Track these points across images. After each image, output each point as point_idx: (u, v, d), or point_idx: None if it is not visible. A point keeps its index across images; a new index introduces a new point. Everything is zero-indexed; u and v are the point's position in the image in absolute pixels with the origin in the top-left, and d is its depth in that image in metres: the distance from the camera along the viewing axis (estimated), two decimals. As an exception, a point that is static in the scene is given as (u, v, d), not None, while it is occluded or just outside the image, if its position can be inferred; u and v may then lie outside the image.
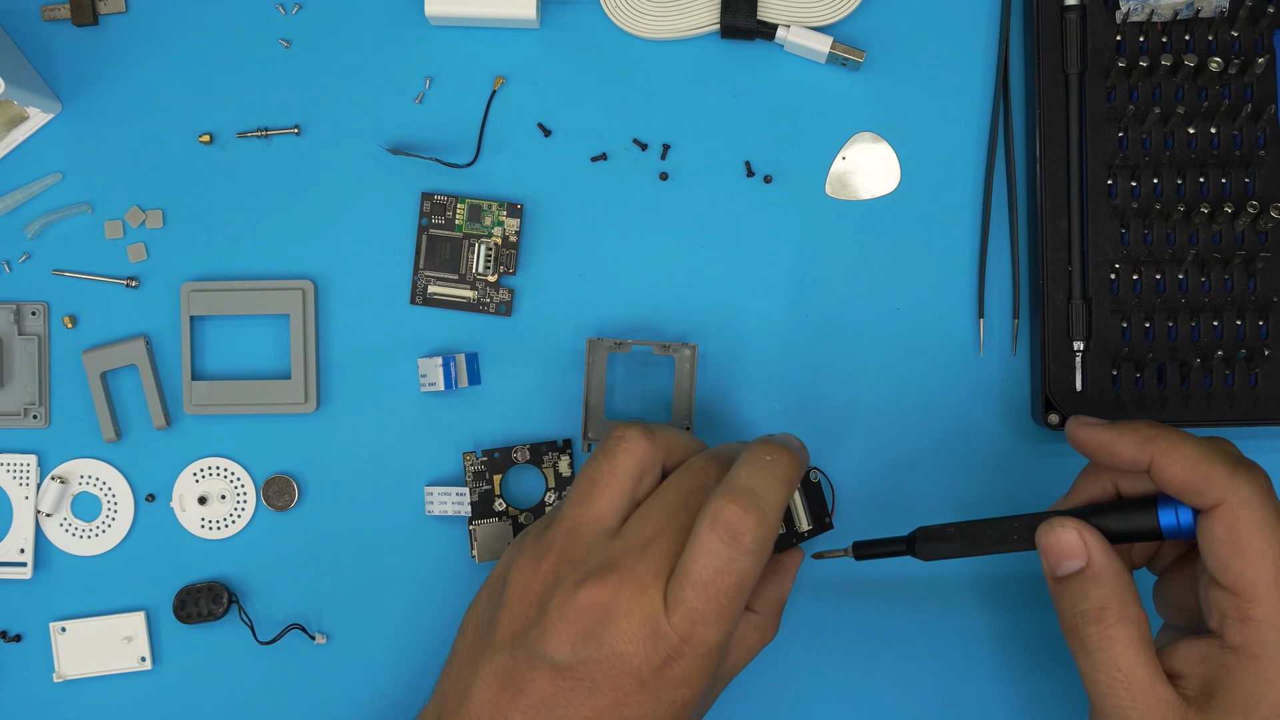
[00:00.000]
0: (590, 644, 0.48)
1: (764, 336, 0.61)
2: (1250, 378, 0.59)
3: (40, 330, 0.62)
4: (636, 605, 0.48)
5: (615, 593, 0.48)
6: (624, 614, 0.47)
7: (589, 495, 0.51)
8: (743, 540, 0.48)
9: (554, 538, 0.50)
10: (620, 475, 0.51)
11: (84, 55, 0.62)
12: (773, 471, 0.50)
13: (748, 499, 0.48)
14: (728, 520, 0.48)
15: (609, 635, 0.47)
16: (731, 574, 0.48)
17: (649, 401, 0.61)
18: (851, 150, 0.61)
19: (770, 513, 0.49)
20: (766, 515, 0.48)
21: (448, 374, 0.60)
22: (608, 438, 0.52)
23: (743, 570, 0.48)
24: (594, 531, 0.50)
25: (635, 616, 0.47)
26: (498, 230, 0.61)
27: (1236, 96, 0.59)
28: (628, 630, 0.47)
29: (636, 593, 0.48)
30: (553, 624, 0.48)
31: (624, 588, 0.48)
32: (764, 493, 0.49)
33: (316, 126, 0.62)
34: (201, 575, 0.62)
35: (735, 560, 0.48)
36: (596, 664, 0.47)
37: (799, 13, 0.60)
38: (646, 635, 0.47)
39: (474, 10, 0.60)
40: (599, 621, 0.48)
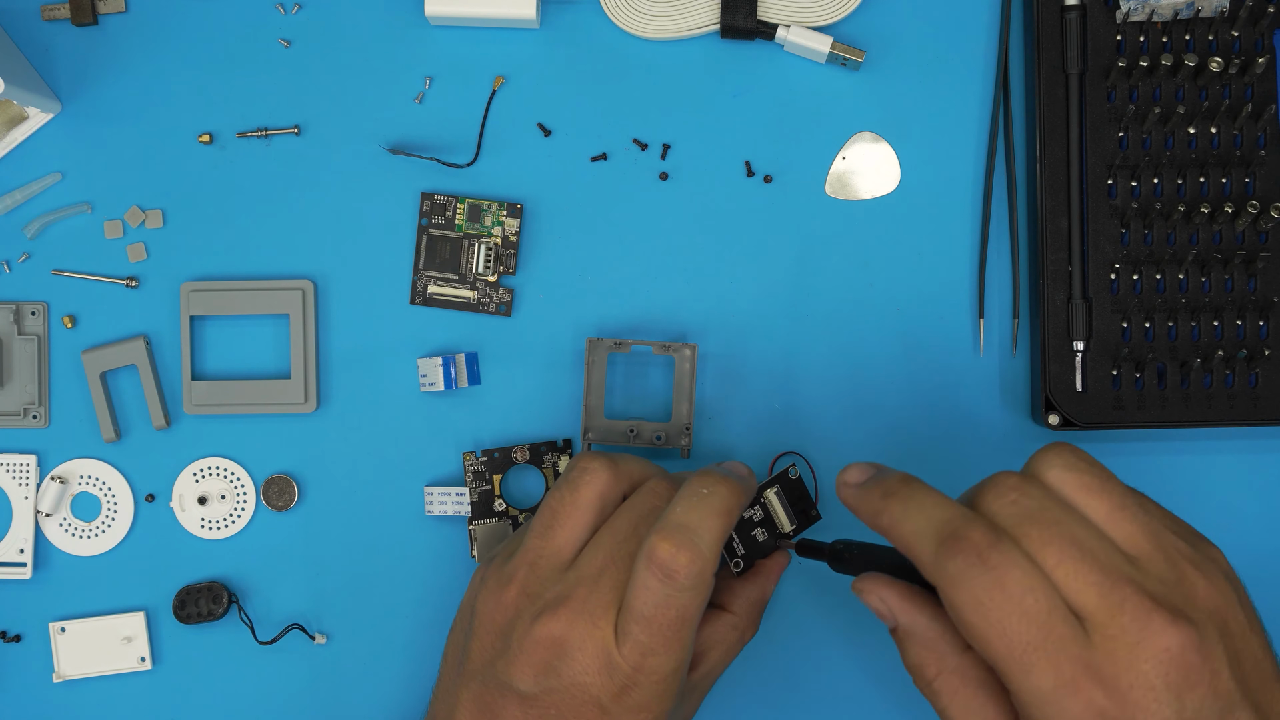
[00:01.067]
0: (550, 675, 0.49)
1: (764, 336, 0.61)
2: (1250, 378, 0.59)
3: (40, 330, 0.62)
4: (589, 638, 0.49)
5: (569, 626, 0.49)
6: (578, 647, 0.49)
7: (550, 527, 0.52)
8: (676, 578, 0.48)
9: (515, 569, 0.52)
10: (581, 508, 0.52)
11: (84, 55, 0.62)
12: (709, 504, 0.50)
13: (680, 536, 0.49)
14: (661, 559, 0.48)
15: (566, 667, 0.49)
16: (671, 609, 0.48)
17: (649, 401, 0.61)
18: (851, 150, 0.61)
19: (704, 547, 0.49)
20: (700, 551, 0.49)
21: (448, 374, 0.60)
22: (571, 467, 0.53)
23: (681, 605, 0.48)
24: (551, 565, 0.51)
25: (589, 649, 0.49)
26: (498, 230, 0.61)
27: (1236, 96, 0.59)
28: (582, 662, 0.49)
29: (589, 625, 0.49)
30: (515, 656, 0.49)
31: (576, 621, 0.49)
32: (698, 528, 0.49)
33: (316, 126, 0.62)
34: (201, 575, 0.62)
35: (672, 597, 0.48)
36: (558, 694, 0.49)
37: (799, 13, 0.60)
38: (601, 666, 0.48)
39: (474, 10, 0.60)
40: (555, 654, 0.49)
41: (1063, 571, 0.43)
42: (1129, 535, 0.45)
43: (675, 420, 0.60)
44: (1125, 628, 0.42)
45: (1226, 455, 0.61)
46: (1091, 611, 0.43)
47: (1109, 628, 0.43)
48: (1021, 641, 0.43)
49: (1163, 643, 0.42)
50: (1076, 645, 0.43)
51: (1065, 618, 0.43)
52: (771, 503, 0.56)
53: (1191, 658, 0.42)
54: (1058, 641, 0.43)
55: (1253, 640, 0.45)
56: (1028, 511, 0.44)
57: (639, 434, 0.59)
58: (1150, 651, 0.42)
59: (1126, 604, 0.43)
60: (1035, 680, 0.43)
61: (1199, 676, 0.42)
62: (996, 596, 0.43)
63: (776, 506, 0.56)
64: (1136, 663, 0.42)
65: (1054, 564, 0.43)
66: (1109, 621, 0.43)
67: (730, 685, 0.61)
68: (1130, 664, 0.42)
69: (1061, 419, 0.59)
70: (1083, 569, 0.43)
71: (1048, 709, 0.43)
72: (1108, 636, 0.42)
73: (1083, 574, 0.43)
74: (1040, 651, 0.43)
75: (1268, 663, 0.45)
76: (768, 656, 0.61)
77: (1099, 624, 0.43)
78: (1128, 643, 0.42)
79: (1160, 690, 0.42)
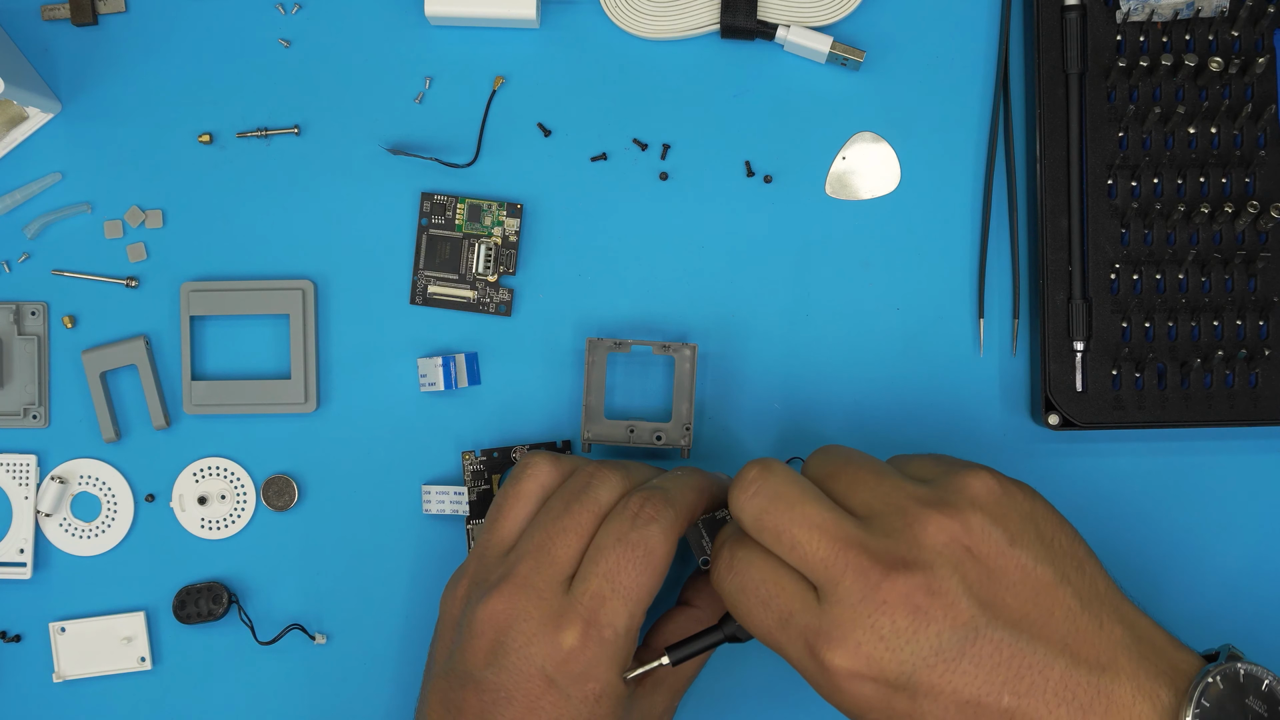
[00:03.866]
0: (499, 654, 0.50)
1: (764, 336, 0.61)
2: (1250, 378, 0.59)
3: (40, 330, 0.62)
4: (533, 608, 0.50)
5: (510, 601, 0.50)
6: (522, 616, 0.50)
7: (495, 521, 0.54)
8: (642, 515, 0.51)
9: (467, 564, 0.54)
10: (524, 499, 0.54)
11: (84, 55, 0.62)
12: (684, 480, 0.53)
13: (651, 489, 0.52)
14: (632, 508, 0.51)
15: (511, 640, 0.50)
16: (637, 547, 0.50)
17: (649, 401, 0.61)
18: (851, 150, 0.61)
19: (675, 499, 0.52)
20: (671, 499, 0.51)
21: (447, 374, 0.60)
22: (516, 466, 0.55)
23: (647, 542, 0.50)
24: (496, 552, 0.53)
25: (533, 617, 0.50)
26: (498, 230, 0.61)
27: (1237, 96, 0.59)
28: (527, 632, 0.50)
29: (532, 596, 0.50)
30: (466, 643, 0.51)
31: (518, 595, 0.50)
32: (670, 488, 0.52)
33: (316, 126, 0.62)
34: (201, 575, 0.62)
35: (638, 533, 0.50)
36: (507, 673, 0.50)
37: (799, 13, 0.60)
38: (545, 634, 0.50)
39: (474, 10, 0.60)
40: (502, 630, 0.50)
41: (796, 554, 0.47)
42: (863, 502, 0.48)
43: (675, 420, 0.60)
44: (850, 589, 0.46)
45: (1226, 455, 0.61)
46: (821, 582, 0.47)
47: (836, 593, 0.46)
48: (767, 626, 0.48)
49: (883, 594, 0.45)
50: (810, 616, 0.47)
51: (799, 595, 0.47)
52: None
53: (918, 599, 0.45)
54: (792, 619, 0.47)
55: (1017, 556, 0.46)
56: (763, 505, 0.48)
57: (638, 434, 0.59)
58: (874, 605, 0.45)
59: (849, 567, 0.46)
60: (788, 655, 0.48)
61: (930, 614, 0.45)
62: (741, 597, 0.49)
63: None
64: (863, 617, 0.45)
65: (787, 549, 0.47)
66: (835, 588, 0.46)
67: (732, 686, 0.61)
68: (857, 620, 0.45)
69: (1061, 419, 0.59)
70: (811, 546, 0.47)
71: (811, 680, 0.47)
72: (836, 601, 0.46)
73: (811, 550, 0.47)
74: (782, 632, 0.47)
75: (1040, 571, 0.46)
76: (769, 656, 0.61)
77: (828, 592, 0.46)
78: (852, 602, 0.46)
79: (890, 637, 0.45)
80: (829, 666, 0.46)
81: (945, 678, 0.45)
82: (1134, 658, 0.46)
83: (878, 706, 0.46)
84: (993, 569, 0.46)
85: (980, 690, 0.45)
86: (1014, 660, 0.45)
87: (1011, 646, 0.45)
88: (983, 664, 0.45)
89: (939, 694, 0.45)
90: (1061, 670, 0.45)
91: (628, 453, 0.61)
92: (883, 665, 0.45)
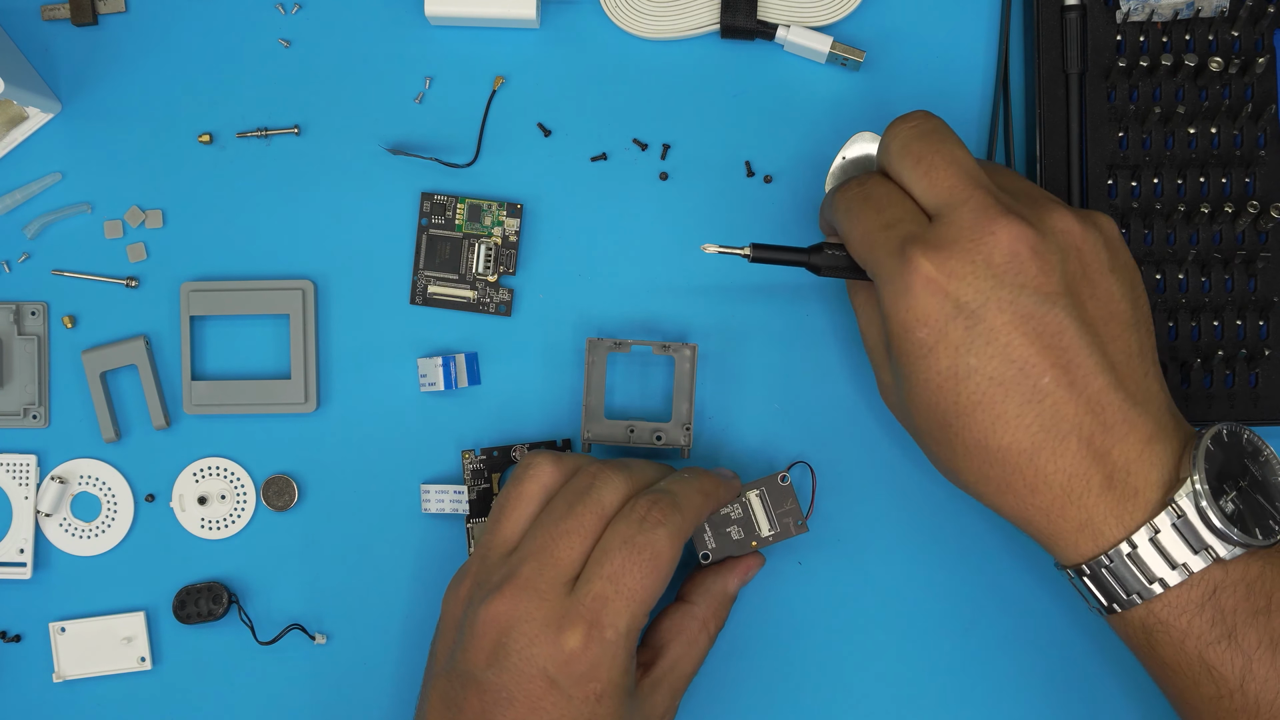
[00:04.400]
0: (501, 655, 0.50)
1: (764, 336, 0.61)
2: (1250, 378, 0.59)
3: (40, 330, 0.62)
4: (536, 609, 0.50)
5: (514, 602, 0.50)
6: (524, 618, 0.50)
7: (497, 521, 0.54)
8: (649, 519, 0.51)
9: (469, 565, 0.54)
10: (526, 500, 0.54)
11: (84, 55, 0.62)
12: (690, 483, 0.54)
13: (657, 493, 0.52)
14: (639, 511, 0.51)
15: (514, 641, 0.50)
16: (644, 550, 0.50)
17: (649, 401, 0.61)
18: (851, 150, 0.61)
19: (683, 503, 0.52)
20: (678, 504, 0.52)
21: (447, 374, 0.60)
22: (518, 467, 0.55)
23: (653, 546, 0.50)
24: (499, 553, 0.53)
25: (535, 618, 0.50)
26: (498, 230, 0.61)
27: (1237, 96, 0.59)
28: (529, 633, 0.50)
29: (534, 598, 0.50)
30: (468, 643, 0.51)
31: (520, 596, 0.50)
32: (677, 492, 0.53)
33: (316, 126, 0.62)
34: (201, 575, 0.62)
35: (645, 535, 0.51)
36: (509, 673, 0.50)
37: (799, 13, 0.60)
38: (548, 635, 0.50)
39: (474, 10, 0.60)
40: (504, 631, 0.50)
41: (929, 179, 0.49)
42: (1014, 180, 0.52)
43: (675, 420, 0.60)
44: (964, 216, 0.48)
45: (1226, 455, 0.61)
46: (941, 205, 0.49)
47: (950, 215, 0.48)
48: (872, 226, 0.50)
49: (994, 228, 0.48)
50: (916, 225, 0.49)
51: (911, 210, 0.50)
52: (751, 504, 0.56)
53: (1021, 248, 0.48)
54: (898, 222, 0.49)
55: (1111, 281, 0.50)
56: (915, 135, 0.50)
57: (638, 434, 0.59)
58: (980, 234, 0.48)
59: (971, 199, 0.48)
60: (877, 251, 0.49)
61: (1023, 267, 0.48)
62: (859, 201, 0.51)
63: (756, 508, 0.56)
64: (966, 239, 0.48)
65: (922, 172, 0.49)
66: (951, 211, 0.48)
67: (732, 686, 0.61)
68: (959, 240, 0.48)
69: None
70: (944, 173, 0.49)
71: (882, 273, 0.49)
72: (945, 221, 0.48)
73: (942, 177, 0.49)
74: (883, 230, 0.49)
75: (1122, 305, 0.50)
76: (769, 657, 0.61)
77: (943, 213, 0.49)
78: (961, 225, 0.48)
79: (980, 265, 0.48)
80: (913, 265, 0.48)
81: (1008, 327, 0.47)
82: (1162, 408, 0.49)
83: (933, 322, 0.48)
84: (1089, 275, 0.49)
85: (1029, 356, 0.47)
86: (1070, 350, 0.48)
87: (1075, 338, 0.48)
88: (1043, 335, 0.47)
89: (994, 338, 0.47)
90: (1103, 384, 0.48)
91: (628, 453, 0.61)
92: (961, 284, 0.47)
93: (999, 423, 0.48)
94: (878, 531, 0.60)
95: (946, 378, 0.48)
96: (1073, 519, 0.48)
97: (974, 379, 0.48)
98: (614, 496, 0.52)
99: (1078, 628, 0.60)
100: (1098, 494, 0.48)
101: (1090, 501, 0.48)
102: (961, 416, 0.48)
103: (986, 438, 0.48)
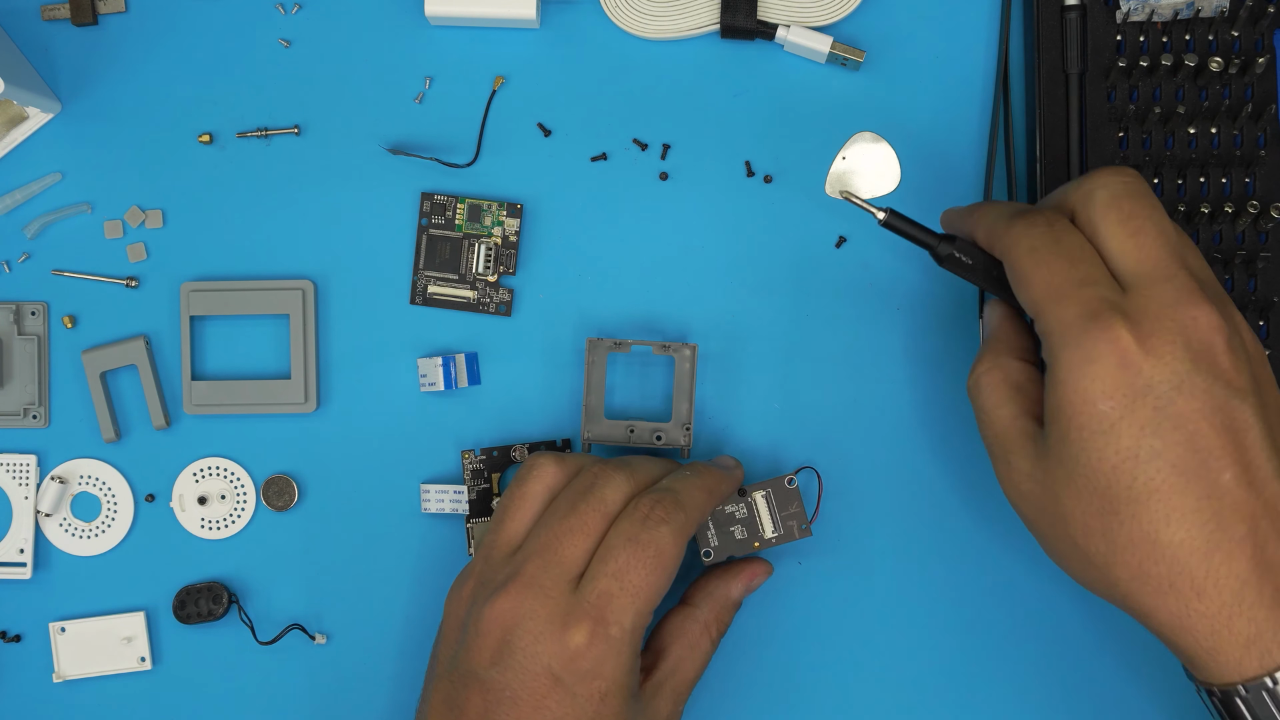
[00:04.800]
0: (505, 654, 0.50)
1: (764, 336, 0.61)
2: (1250, 378, 0.59)
3: (40, 330, 0.62)
4: (541, 605, 0.50)
5: (518, 599, 0.50)
6: (529, 615, 0.50)
7: (501, 521, 0.54)
8: (652, 517, 0.51)
9: (472, 565, 0.54)
10: (530, 500, 0.54)
11: (84, 55, 0.62)
12: (692, 480, 0.53)
13: (660, 491, 0.52)
14: (643, 509, 0.51)
15: (518, 639, 0.50)
16: (648, 547, 0.50)
17: (649, 401, 0.61)
18: (851, 150, 0.61)
19: (686, 501, 0.52)
20: (682, 502, 0.52)
21: (447, 374, 0.60)
22: (521, 467, 0.55)
23: (657, 542, 0.50)
24: (503, 552, 0.53)
25: (540, 616, 0.50)
26: (498, 230, 0.61)
27: (1237, 96, 0.59)
28: (533, 631, 0.50)
29: (538, 595, 0.50)
30: (472, 642, 0.51)
31: (525, 594, 0.50)
32: (679, 489, 0.52)
33: (316, 126, 0.62)
34: (201, 575, 0.62)
35: (649, 533, 0.50)
36: (513, 672, 0.50)
37: (799, 13, 0.60)
38: (552, 632, 0.50)
39: (474, 10, 0.60)
40: (509, 629, 0.50)
41: (1135, 241, 0.47)
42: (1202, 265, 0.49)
43: (675, 420, 0.60)
44: (1166, 292, 0.46)
45: (1226, 455, 0.61)
46: (1142, 275, 0.46)
47: (1151, 289, 0.46)
48: (1061, 278, 0.47)
49: (1196, 313, 0.45)
50: (1111, 290, 0.46)
51: (1107, 273, 0.47)
52: (757, 505, 0.56)
53: (1218, 339, 0.45)
54: (1094, 283, 0.46)
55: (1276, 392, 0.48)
56: (1130, 190, 0.48)
57: (638, 434, 0.59)
58: (1182, 315, 0.45)
59: (1176, 278, 0.46)
60: (1064, 309, 0.46)
61: (1219, 357, 0.45)
62: (1049, 244, 0.47)
63: (761, 509, 0.56)
64: (1165, 317, 0.45)
65: (1128, 231, 0.47)
66: (1152, 285, 0.46)
67: (732, 687, 0.61)
68: (1159, 315, 0.45)
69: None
70: (1156, 242, 0.46)
71: (1069, 335, 0.46)
72: (1145, 294, 0.46)
73: (1152, 246, 0.46)
74: (1075, 286, 0.46)
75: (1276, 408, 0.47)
76: (769, 658, 0.61)
77: (1142, 285, 0.46)
78: (1163, 302, 0.46)
79: (1180, 346, 0.45)
80: (1111, 333, 0.45)
81: (1197, 415, 0.45)
82: None
83: (1121, 396, 0.45)
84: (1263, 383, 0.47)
85: (1215, 447, 0.45)
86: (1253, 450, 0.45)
87: (1259, 438, 0.45)
88: (1231, 429, 0.45)
89: (1183, 423, 0.45)
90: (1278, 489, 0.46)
91: (628, 453, 0.61)
92: (1158, 363, 0.45)
93: (1175, 515, 0.45)
94: (879, 533, 0.60)
95: (1125, 458, 0.45)
96: (1241, 632, 0.45)
97: (1156, 463, 0.45)
98: (616, 494, 0.52)
99: (1083, 633, 0.60)
100: (1269, 607, 0.44)
101: (1262, 615, 0.44)
102: (1134, 503, 0.45)
103: (1158, 530, 0.45)
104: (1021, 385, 0.50)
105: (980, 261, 0.52)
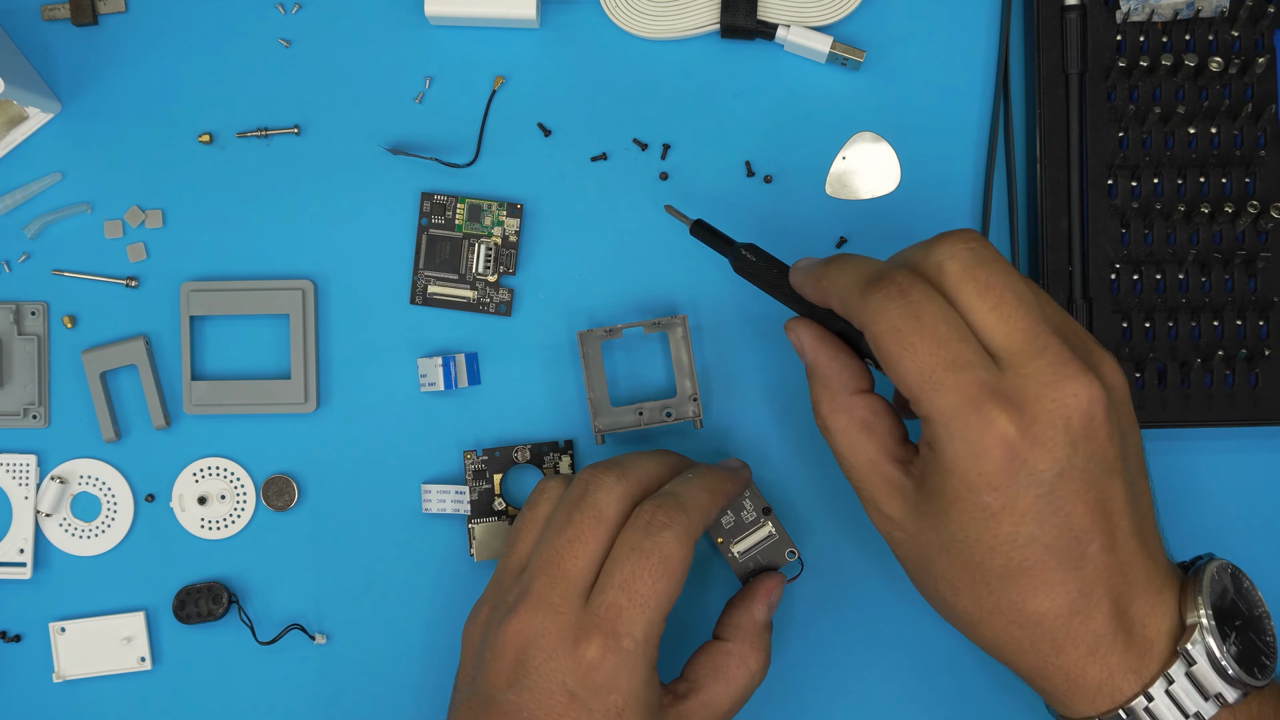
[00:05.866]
0: (520, 674, 0.50)
1: (764, 337, 0.61)
2: (1250, 378, 0.59)
3: (40, 330, 0.62)
4: (551, 622, 0.50)
5: (528, 618, 0.50)
6: (541, 633, 0.50)
7: (513, 545, 0.54)
8: (656, 523, 0.50)
9: (487, 593, 0.54)
10: (537, 521, 0.54)
11: (84, 55, 0.62)
12: (694, 481, 0.53)
13: (663, 496, 0.52)
14: (645, 516, 0.51)
15: (532, 658, 0.50)
16: (653, 555, 0.50)
17: (653, 382, 0.61)
18: (851, 150, 0.61)
19: (689, 504, 0.51)
20: (684, 505, 0.51)
21: (448, 374, 0.60)
22: (532, 491, 0.55)
23: (663, 549, 0.50)
24: (513, 574, 0.53)
25: (552, 632, 0.50)
26: (498, 230, 0.61)
27: (1237, 96, 0.59)
28: (546, 648, 0.50)
29: (549, 611, 0.50)
30: (489, 665, 0.51)
31: (535, 611, 0.50)
32: (680, 491, 0.52)
33: (316, 126, 0.62)
34: (201, 575, 0.62)
35: (654, 540, 0.50)
36: (530, 692, 0.49)
37: (799, 13, 0.60)
38: (565, 647, 0.49)
39: (474, 10, 0.60)
40: (522, 649, 0.50)
41: (997, 313, 0.46)
42: (1060, 314, 0.48)
43: (681, 394, 0.59)
44: (1041, 369, 0.45)
45: (1226, 455, 0.61)
46: (1013, 350, 0.45)
47: (1025, 366, 0.45)
48: (932, 363, 0.45)
49: (1074, 389, 0.45)
50: (985, 371, 0.45)
51: (977, 349, 0.45)
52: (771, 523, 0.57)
53: (1096, 411, 0.45)
54: (967, 365, 0.45)
55: (1137, 434, 0.49)
56: (982, 259, 0.46)
57: (649, 415, 0.59)
58: (1061, 394, 0.45)
59: (1049, 350, 0.45)
60: (942, 399, 0.45)
61: (1096, 432, 0.46)
62: (911, 323, 0.46)
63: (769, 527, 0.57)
64: (1045, 399, 0.45)
65: (989, 304, 0.46)
66: (1026, 361, 0.45)
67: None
68: (1038, 398, 0.45)
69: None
70: (1019, 312, 0.46)
71: (952, 426, 0.45)
72: (1021, 373, 0.45)
73: (1016, 317, 0.45)
74: (949, 372, 0.45)
75: (1141, 457, 0.49)
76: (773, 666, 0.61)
77: (1016, 362, 0.45)
78: (1040, 380, 0.45)
79: (1060, 430, 0.45)
80: (995, 427, 0.44)
81: (1073, 497, 0.45)
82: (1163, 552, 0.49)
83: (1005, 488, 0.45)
84: (1126, 430, 0.47)
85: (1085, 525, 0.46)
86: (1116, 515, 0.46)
87: (1122, 504, 0.46)
88: (1100, 504, 0.46)
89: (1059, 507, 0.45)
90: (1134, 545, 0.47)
91: (643, 435, 0.60)
92: (1041, 452, 0.45)
93: (1041, 589, 0.46)
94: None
95: (1003, 541, 0.46)
96: (1093, 678, 0.47)
97: (1032, 546, 0.46)
98: (609, 496, 0.52)
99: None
100: (1121, 652, 0.47)
101: (1114, 660, 0.47)
102: (1006, 579, 0.46)
103: (1025, 601, 0.46)
104: (869, 422, 0.50)
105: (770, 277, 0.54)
